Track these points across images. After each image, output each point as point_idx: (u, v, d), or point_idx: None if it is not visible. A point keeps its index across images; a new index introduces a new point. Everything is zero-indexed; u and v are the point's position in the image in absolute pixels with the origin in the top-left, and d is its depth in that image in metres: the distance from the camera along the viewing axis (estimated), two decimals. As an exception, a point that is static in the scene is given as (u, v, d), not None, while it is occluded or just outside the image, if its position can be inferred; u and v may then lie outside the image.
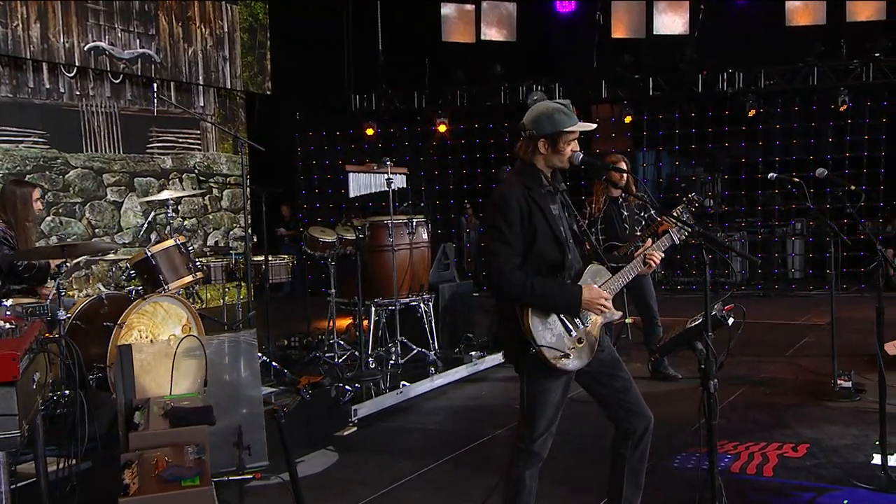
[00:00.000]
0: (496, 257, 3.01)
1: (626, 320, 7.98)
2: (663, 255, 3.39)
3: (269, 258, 6.47)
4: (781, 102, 12.73)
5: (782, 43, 12.06)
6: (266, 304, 6.28)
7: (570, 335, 3.04)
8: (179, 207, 11.29)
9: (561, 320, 3.05)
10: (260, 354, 6.37)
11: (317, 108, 13.71)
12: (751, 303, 11.28)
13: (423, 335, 7.12)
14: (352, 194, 6.66)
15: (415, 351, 7.00)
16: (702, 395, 3.01)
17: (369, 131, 13.56)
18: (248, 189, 5.92)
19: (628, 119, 12.77)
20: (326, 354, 6.95)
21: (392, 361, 6.83)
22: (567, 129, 3.10)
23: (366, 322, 6.97)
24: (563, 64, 13.51)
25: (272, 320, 6.44)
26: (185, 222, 11.37)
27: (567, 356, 3.01)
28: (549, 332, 3.01)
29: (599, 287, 3.12)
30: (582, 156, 3.19)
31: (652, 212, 6.31)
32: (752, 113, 12.15)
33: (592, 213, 6.44)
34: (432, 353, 7.06)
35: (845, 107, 11.72)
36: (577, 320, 3.07)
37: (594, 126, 3.20)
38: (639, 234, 6.22)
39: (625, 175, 6.09)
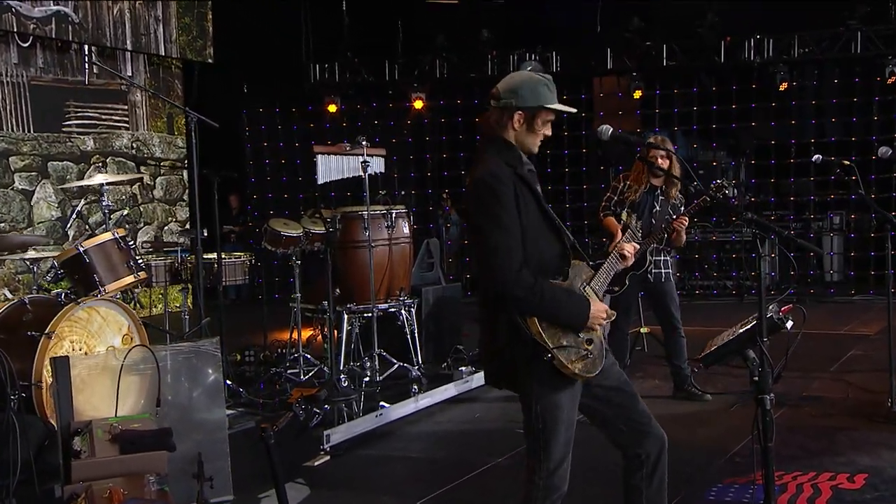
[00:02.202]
0: (496, 253, 2.97)
1: (642, 330, 8.06)
2: (637, 245, 3.46)
3: (223, 256, 6.43)
4: (818, 74, 12.91)
5: (819, 4, 12.21)
6: (219, 310, 6.25)
7: (579, 336, 3.08)
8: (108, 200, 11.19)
9: None
10: (210, 371, 6.40)
11: (268, 80, 13.65)
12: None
13: (405, 347, 7.14)
14: (321, 180, 6.65)
15: (395, 366, 7.01)
16: (755, 412, 3.05)
17: (331, 108, 13.53)
18: (196, 172, 5.89)
19: (638, 94, 12.85)
20: (289, 371, 6.94)
21: (368, 378, 6.83)
22: (550, 105, 3.13)
23: (336, 332, 6.96)
24: (561, 29, 13.57)
25: (223, 331, 6.41)
26: (116, 214, 11.25)
27: (585, 357, 3.04)
28: (559, 332, 3.03)
29: (581, 286, 3.17)
30: (611, 130, 3.23)
31: (681, 206, 6.38)
32: (783, 86, 12.31)
33: (623, 193, 6.42)
34: (415, 368, 7.07)
35: (894, 79, 11.88)
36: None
37: (574, 110, 3.25)
38: (664, 227, 6.27)
39: (670, 159, 6.09)
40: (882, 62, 11.96)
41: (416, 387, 6.71)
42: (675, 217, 6.25)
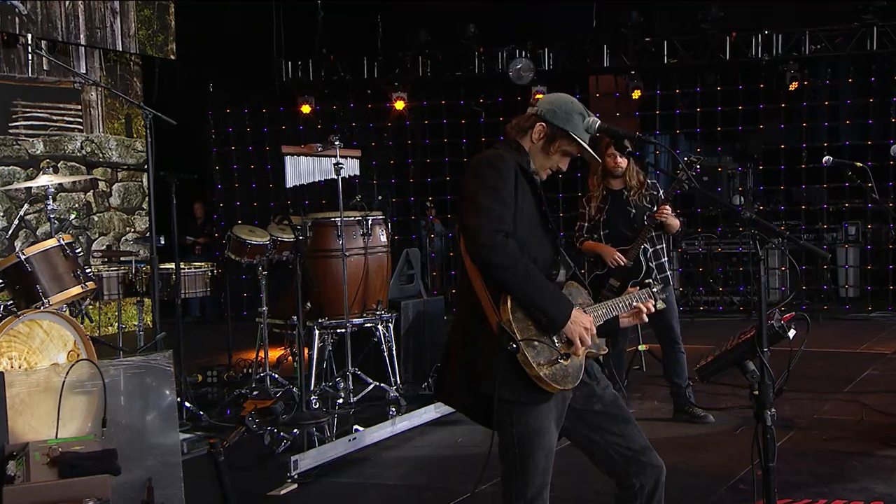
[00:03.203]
0: (483, 214, 2.97)
1: (640, 347, 8.06)
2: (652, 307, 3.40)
3: (183, 266, 6.39)
4: (831, 73, 12.99)
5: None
6: (177, 324, 6.20)
7: (555, 346, 3.05)
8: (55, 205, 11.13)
9: (545, 330, 3.04)
10: (167, 392, 6.35)
11: (236, 79, 13.65)
12: (793, 328, 11.44)
13: (382, 366, 7.11)
14: (289, 183, 6.64)
15: (371, 386, 6.99)
16: (755, 429, 3.03)
17: (305, 108, 13.53)
18: (153, 174, 5.85)
19: (637, 94, 12.91)
20: (254, 392, 6.90)
21: (341, 400, 6.82)
22: (575, 136, 3.19)
23: (307, 350, 6.92)
24: (554, 23, 13.64)
25: (181, 347, 6.38)
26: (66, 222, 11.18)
27: (555, 363, 3.00)
28: (534, 328, 3.00)
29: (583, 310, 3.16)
30: (598, 122, 3.23)
31: (660, 194, 6.39)
32: (793, 86, 12.37)
33: (592, 216, 6.48)
34: (393, 389, 7.05)
35: (912, 78, 12.00)
36: (559, 336, 3.07)
37: (599, 160, 3.29)
38: (648, 225, 6.28)
39: (621, 160, 6.18)
40: (900, 60, 12.05)
41: (393, 409, 6.68)
42: (655, 210, 6.24)
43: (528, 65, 12.79)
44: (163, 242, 5.73)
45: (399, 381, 7.20)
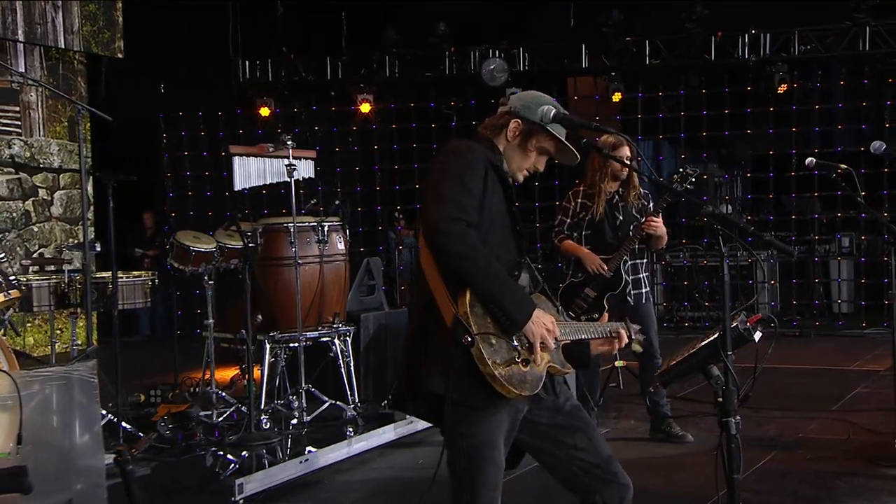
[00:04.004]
0: (445, 202, 2.95)
1: (617, 364, 8.04)
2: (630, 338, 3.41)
3: (120, 275, 6.33)
4: (822, 75, 13.09)
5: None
6: (114, 340, 6.13)
7: (514, 349, 3.03)
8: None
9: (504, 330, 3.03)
10: (105, 412, 6.29)
11: (190, 79, 13.59)
12: (783, 344, 11.49)
13: (339, 383, 7.08)
14: (237, 186, 6.60)
15: (326, 405, 6.94)
16: (720, 438, 3.02)
17: (264, 111, 13.50)
18: (90, 175, 5.81)
19: (617, 97, 12.98)
20: (201, 412, 6.83)
21: (295, 420, 6.76)
22: (551, 129, 3.23)
23: (256, 372, 6.87)
24: (529, 22, 13.68)
25: (127, 368, 6.33)
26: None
27: (512, 363, 2.98)
28: (490, 328, 2.98)
29: None
30: (554, 110, 3.22)
31: (650, 205, 6.39)
32: (782, 89, 12.47)
33: (576, 213, 6.46)
34: (350, 407, 7.01)
35: (908, 80, 12.10)
36: (519, 338, 3.05)
37: (578, 157, 3.30)
38: (634, 236, 6.28)
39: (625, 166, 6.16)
40: (894, 61, 12.15)
41: (350, 429, 6.64)
42: (643, 221, 6.23)
43: (501, 65, 12.82)
44: (98, 249, 5.65)
45: (357, 400, 7.15)
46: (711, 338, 3.09)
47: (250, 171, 6.63)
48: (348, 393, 7.09)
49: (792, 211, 13.34)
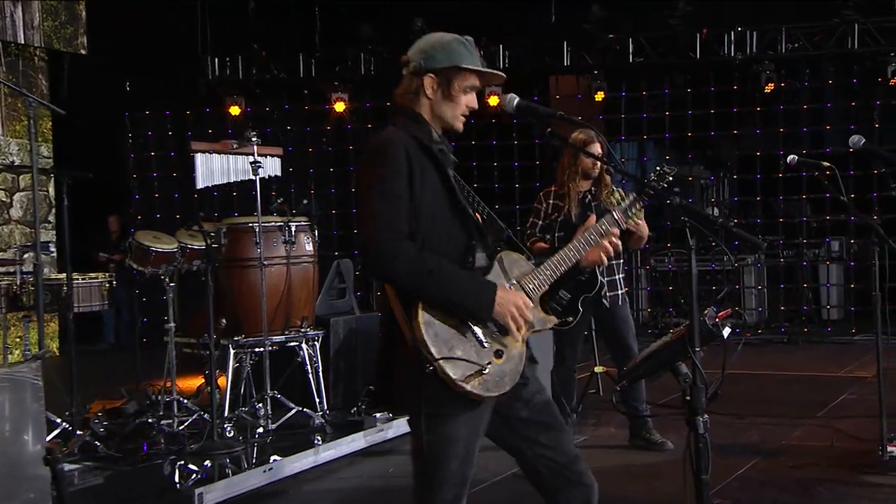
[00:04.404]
0: (372, 220, 2.95)
1: (596, 369, 8.06)
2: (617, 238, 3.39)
3: (76, 277, 6.29)
4: (809, 74, 13.17)
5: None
6: (70, 344, 6.10)
7: (484, 346, 3.01)
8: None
9: (469, 325, 3.02)
10: (59, 420, 6.25)
11: (157, 77, 13.54)
12: (770, 351, 11.55)
13: (306, 389, 7.06)
14: (200, 184, 6.58)
15: (292, 411, 6.91)
16: (687, 438, 3.02)
17: (234, 110, 13.46)
18: (48, 175, 5.77)
19: (600, 95, 13.00)
20: (163, 421, 6.79)
21: (261, 429, 6.73)
22: (467, 65, 3.15)
23: (222, 379, 6.83)
24: (509, 18, 13.69)
25: (90, 377, 6.31)
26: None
27: (482, 372, 2.96)
28: (452, 340, 2.97)
29: (518, 282, 3.16)
30: (517, 99, 3.22)
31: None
32: (769, 88, 12.52)
33: (548, 214, 6.47)
34: (319, 414, 6.99)
35: (897, 79, 12.13)
36: (490, 327, 3.04)
37: (503, 76, 3.28)
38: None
39: (597, 162, 6.16)
40: (883, 60, 12.19)
41: (318, 437, 6.63)
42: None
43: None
44: (52, 250, 5.62)
45: (326, 407, 7.13)
46: (679, 334, 3.09)
47: (214, 168, 6.61)
48: (316, 400, 7.08)
49: (780, 214, 13.41)
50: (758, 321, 13.13)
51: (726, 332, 3.06)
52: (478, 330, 3.01)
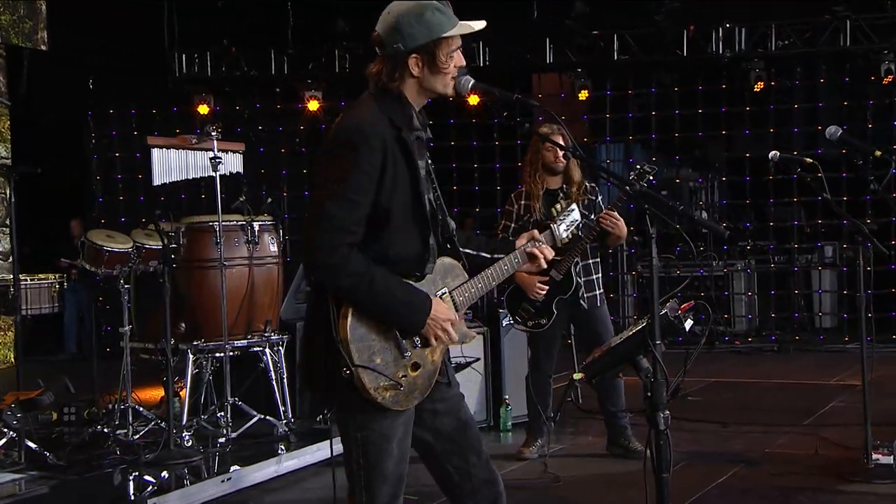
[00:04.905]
0: (324, 223, 2.92)
1: (575, 376, 8.00)
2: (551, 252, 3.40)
3: (25, 278, 6.26)
4: (801, 72, 13.20)
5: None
6: (18, 349, 6.07)
7: (404, 356, 3.03)
8: None
9: (395, 335, 3.03)
10: (7, 430, 6.22)
11: (121, 74, 13.50)
12: (760, 360, 11.58)
13: (269, 396, 7.03)
14: (156, 181, 6.55)
15: (254, 419, 6.90)
16: (648, 435, 3.01)
17: (202, 109, 13.41)
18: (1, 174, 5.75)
19: (584, 94, 13.01)
20: (118, 431, 6.76)
21: (223, 439, 6.72)
22: (450, 33, 3.14)
23: (183, 390, 6.80)
24: (489, 14, 13.65)
25: (49, 388, 6.29)
26: None
27: (397, 387, 2.99)
28: (375, 345, 2.99)
29: (450, 293, 3.17)
30: (472, 81, 3.21)
31: (598, 200, 6.39)
32: (759, 87, 12.55)
33: (519, 216, 6.45)
34: (283, 422, 6.97)
35: (891, 78, 12.15)
36: (414, 338, 3.07)
37: (482, 24, 3.25)
38: (588, 233, 6.24)
39: (561, 154, 6.17)
40: (876, 58, 12.24)
41: (281, 446, 6.62)
42: (597, 217, 6.18)
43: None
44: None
45: (290, 414, 7.09)
46: (639, 326, 3.08)
47: (171, 164, 6.60)
48: (281, 407, 7.04)
49: (771, 217, 13.42)
50: (748, 329, 13.15)
51: (688, 324, 3.05)
52: (402, 339, 3.03)
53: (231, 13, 13.47)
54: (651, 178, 6.07)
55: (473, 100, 11.81)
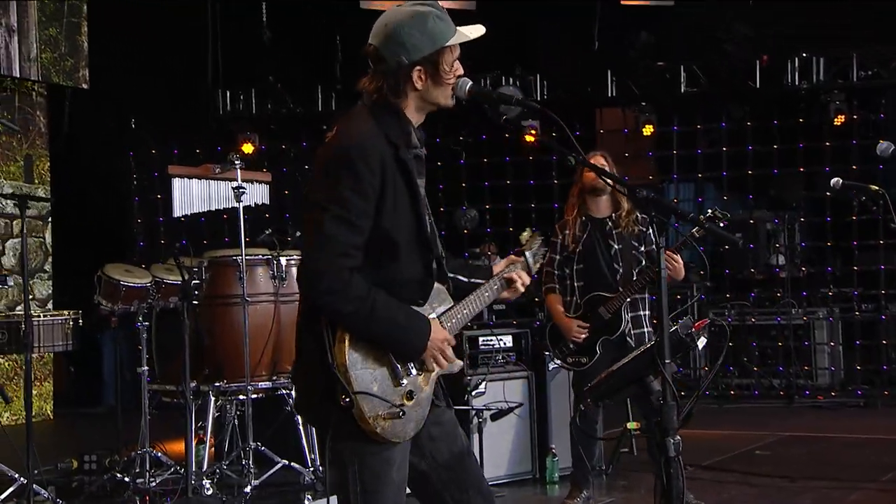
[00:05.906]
0: (326, 246, 2.92)
1: (629, 425, 7.85)
2: (534, 275, 3.48)
3: (38, 314, 6.32)
4: (885, 104, 12.98)
5: (886, 12, 12.30)
6: (27, 386, 6.11)
7: (400, 384, 3.03)
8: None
9: (389, 361, 3.03)
10: (16, 475, 6.26)
11: (164, 113, 13.69)
12: (844, 415, 11.27)
13: (295, 442, 7.00)
14: (177, 212, 6.60)
15: (279, 465, 6.86)
16: (658, 462, 2.91)
17: (247, 148, 13.50)
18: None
19: (649, 130, 12.92)
20: (137, 480, 6.78)
21: (249, 487, 6.64)
22: (453, 41, 3.14)
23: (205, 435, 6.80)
24: (548, 46, 13.72)
25: (83, 442, 6.34)
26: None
27: (396, 416, 2.99)
28: (372, 367, 3.00)
29: (439, 318, 3.18)
30: (470, 83, 3.19)
31: (650, 231, 6.26)
32: (840, 120, 12.36)
33: (565, 247, 6.42)
34: (309, 470, 6.93)
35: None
36: (409, 365, 3.07)
37: (482, 30, 3.21)
38: (636, 277, 6.19)
39: (600, 178, 6.10)
40: (966, 87, 12.05)
41: (309, 496, 6.56)
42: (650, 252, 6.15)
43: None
44: (10, 284, 5.65)
45: (319, 462, 7.04)
46: (648, 345, 2.99)
47: (192, 194, 6.64)
48: (307, 454, 7.00)
49: (855, 261, 13.13)
50: (831, 382, 12.80)
51: (701, 342, 2.95)
52: (398, 364, 3.03)
53: (277, 49, 13.63)
54: (722, 225, 5.99)
55: (530, 138, 11.80)
